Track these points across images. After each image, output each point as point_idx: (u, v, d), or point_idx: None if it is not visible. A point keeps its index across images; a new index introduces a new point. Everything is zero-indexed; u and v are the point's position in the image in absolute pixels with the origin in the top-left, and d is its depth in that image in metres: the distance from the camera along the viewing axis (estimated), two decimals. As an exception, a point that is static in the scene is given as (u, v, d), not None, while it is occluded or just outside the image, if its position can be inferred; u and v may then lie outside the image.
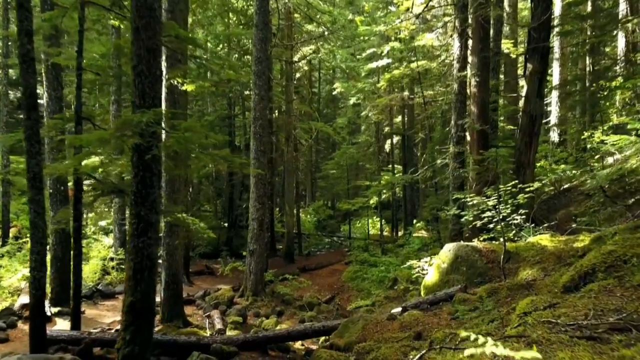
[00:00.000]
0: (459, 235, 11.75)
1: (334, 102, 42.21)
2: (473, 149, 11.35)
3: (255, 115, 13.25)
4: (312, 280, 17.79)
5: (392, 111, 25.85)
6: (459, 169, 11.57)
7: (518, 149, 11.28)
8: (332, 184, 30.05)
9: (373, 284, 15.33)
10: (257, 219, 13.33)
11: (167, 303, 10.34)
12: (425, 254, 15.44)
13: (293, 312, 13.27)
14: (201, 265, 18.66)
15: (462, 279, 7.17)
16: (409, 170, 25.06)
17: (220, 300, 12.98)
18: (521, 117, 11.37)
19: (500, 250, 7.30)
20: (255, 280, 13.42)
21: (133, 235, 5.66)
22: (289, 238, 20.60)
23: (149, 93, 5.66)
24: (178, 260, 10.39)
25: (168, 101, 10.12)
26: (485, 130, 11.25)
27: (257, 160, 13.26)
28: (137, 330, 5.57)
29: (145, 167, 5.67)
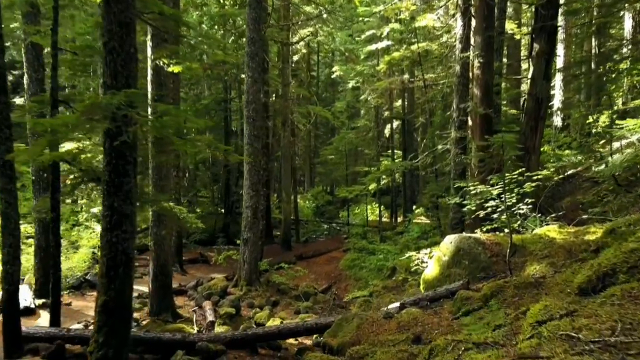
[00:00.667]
0: (460, 224, 11.29)
1: (333, 86, 41.50)
2: (475, 134, 10.82)
3: (249, 99, 12.70)
4: (309, 268, 17.40)
5: (392, 95, 25.22)
6: (460, 155, 11.06)
7: (523, 134, 10.76)
8: (331, 170, 29.54)
9: (371, 273, 14.92)
10: (251, 207, 12.86)
11: (156, 295, 9.92)
12: (425, 242, 15.04)
13: (288, 302, 12.88)
14: (195, 253, 18.26)
15: (464, 274, 6.72)
16: (408, 155, 24.50)
17: (213, 290, 12.57)
18: (526, 100, 10.83)
19: (505, 242, 6.84)
20: (250, 270, 13.00)
21: (106, 228, 5.18)
22: (285, 225, 20.17)
23: (121, 72, 5.13)
24: (167, 250, 9.94)
25: (154, 83, 9.57)
26: (489, 114, 10.71)
27: (251, 145, 12.74)
28: (111, 331, 5.12)
29: (119, 155, 5.16)
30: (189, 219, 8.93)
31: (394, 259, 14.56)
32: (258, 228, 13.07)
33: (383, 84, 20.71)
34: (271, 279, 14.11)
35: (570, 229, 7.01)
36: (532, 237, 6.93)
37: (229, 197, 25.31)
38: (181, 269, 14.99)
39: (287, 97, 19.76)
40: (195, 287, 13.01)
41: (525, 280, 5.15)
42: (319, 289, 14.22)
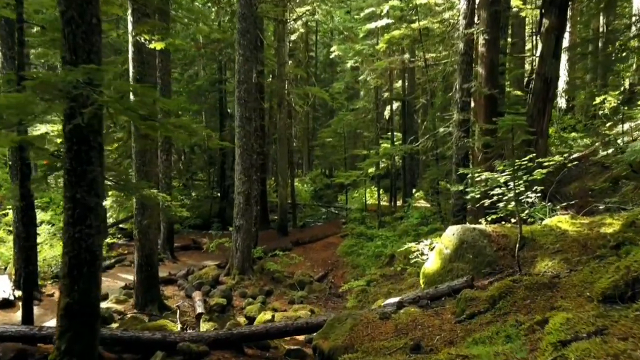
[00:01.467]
0: (462, 211, 10.74)
1: (331, 67, 40.64)
2: (480, 116, 10.20)
3: (240, 79, 12.03)
4: (306, 254, 16.92)
5: (392, 75, 24.46)
6: (463, 139, 10.44)
7: (530, 116, 10.12)
8: (329, 153, 28.88)
9: (369, 260, 14.43)
10: (243, 193, 12.30)
11: (141, 286, 9.42)
12: (425, 228, 14.51)
13: (283, 292, 12.40)
14: (188, 239, 17.75)
15: (467, 269, 6.18)
16: (409, 138, 23.84)
17: (204, 279, 12.09)
18: (534, 80, 10.18)
19: (513, 235, 6.29)
20: (242, 258, 12.49)
21: (68, 223, 4.62)
22: (282, 210, 19.64)
23: (82, 46, 4.51)
24: (152, 239, 9.40)
25: (135, 61, 8.91)
26: (494, 94, 10.08)
27: (242, 128, 12.12)
28: (75, 337, 4.59)
29: (81, 140, 4.57)
30: (173, 208, 8.35)
31: (393, 246, 14.06)
32: (251, 215, 12.53)
33: (382, 63, 19.95)
34: (265, 267, 13.61)
35: (583, 219, 6.44)
36: (542, 228, 6.37)
37: (224, 181, 24.72)
38: (172, 256, 14.50)
39: (282, 78, 19.04)
40: (186, 276, 12.52)
41: (537, 281, 4.60)
42: (314, 277, 13.75)
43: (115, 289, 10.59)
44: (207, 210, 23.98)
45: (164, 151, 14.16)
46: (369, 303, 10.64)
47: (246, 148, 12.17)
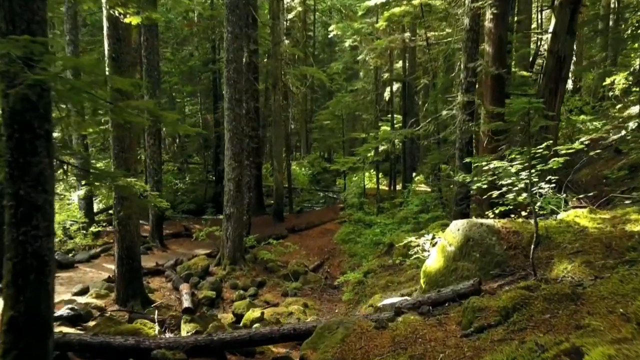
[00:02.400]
0: (466, 199, 10.09)
1: (330, 47, 39.61)
2: (486, 98, 9.48)
3: (229, 57, 11.25)
4: (301, 242, 16.33)
5: (392, 55, 23.56)
6: (467, 122, 9.72)
7: (540, 98, 9.39)
8: (326, 136, 28.08)
9: (366, 248, 13.83)
10: (233, 180, 11.63)
11: (122, 281, 8.81)
12: (425, 216, 13.86)
13: (276, 283, 11.83)
14: (180, 225, 17.12)
15: (474, 269, 5.54)
16: (409, 120, 23.02)
17: (192, 270, 11.49)
18: (546, 59, 9.44)
19: (525, 231, 5.63)
20: (233, 248, 11.88)
21: (10, 224, 3.95)
22: (277, 195, 18.99)
23: (20, 14, 3.79)
24: (133, 231, 8.76)
25: (111, 37, 8.16)
26: (502, 74, 9.33)
27: (232, 110, 11.39)
28: (22, 355, 3.96)
29: (24, 126, 3.88)
30: (152, 199, 7.68)
31: (392, 234, 13.44)
32: (242, 202, 11.87)
33: (382, 42, 19.07)
34: (258, 256, 13.02)
35: (603, 213, 5.79)
36: (558, 224, 5.72)
37: (218, 165, 24.00)
38: (161, 244, 13.89)
39: (278, 57, 18.20)
40: (174, 266, 11.92)
41: (558, 290, 3.95)
42: (310, 266, 13.15)
43: (98, 282, 10.00)
44: (202, 194, 23.33)
45: (152, 135, 13.44)
46: (365, 297, 10.06)
47: (236, 132, 11.46)
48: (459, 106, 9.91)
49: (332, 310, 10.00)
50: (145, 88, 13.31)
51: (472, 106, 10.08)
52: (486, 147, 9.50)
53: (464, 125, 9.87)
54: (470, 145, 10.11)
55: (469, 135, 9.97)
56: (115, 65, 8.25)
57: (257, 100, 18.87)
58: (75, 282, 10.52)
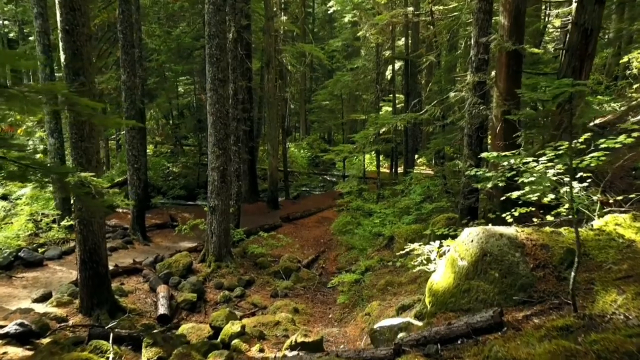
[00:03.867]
0: (475, 192, 8.99)
1: (330, 23, 38.09)
2: (500, 78, 8.28)
3: (211, 32, 10.04)
4: (296, 232, 15.32)
5: (394, 31, 22.19)
6: (479, 105, 8.55)
7: (562, 77, 8.21)
8: (325, 117, 26.81)
9: (365, 241, 12.78)
10: (217, 169, 10.52)
11: (86, 287, 7.79)
12: (429, 206, 12.74)
13: (265, 281, 10.84)
14: (167, 214, 16.06)
15: (492, 292, 4.48)
16: (412, 100, 21.77)
17: (173, 268, 10.47)
18: (569, 32, 8.20)
19: (555, 245, 4.55)
20: (219, 243, 10.86)
21: None
22: (272, 181, 17.91)
23: None
24: (97, 230, 7.69)
25: (63, 6, 6.96)
26: (519, 50, 8.12)
27: (215, 92, 10.22)
28: None
29: None
30: (111, 198, 6.60)
31: (392, 226, 12.38)
32: (228, 194, 10.79)
33: (383, 17, 17.72)
34: (248, 250, 12.01)
35: (651, 222, 4.68)
36: (596, 236, 4.62)
37: (211, 148, 22.89)
38: (143, 237, 12.85)
39: (271, 33, 16.90)
40: (154, 263, 10.90)
41: (617, 345, 2.88)
42: (303, 261, 12.15)
43: (65, 284, 8.98)
44: (194, 179, 22.23)
45: (130, 118, 12.27)
46: (362, 300, 9.06)
47: (220, 115, 10.31)
48: (469, 87, 8.73)
49: (325, 316, 9.01)
50: (123, 67, 12.13)
51: (484, 87, 8.90)
52: (499, 134, 8.36)
53: (475, 108, 8.69)
54: (480, 131, 8.95)
55: (479, 119, 8.80)
56: (69, 40, 7.08)
57: (249, 80, 17.63)
58: (42, 283, 9.53)
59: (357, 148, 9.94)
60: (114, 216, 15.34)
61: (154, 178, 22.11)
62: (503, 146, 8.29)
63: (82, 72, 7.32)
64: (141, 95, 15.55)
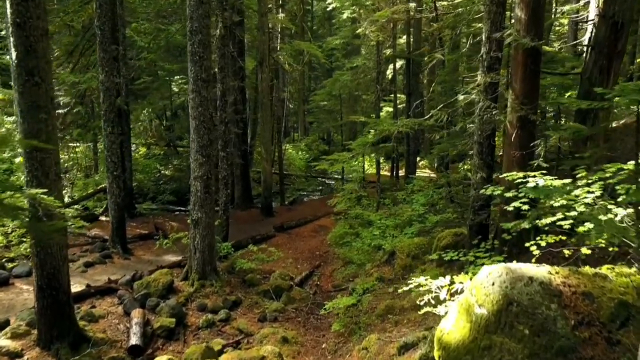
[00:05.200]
0: (486, 208, 8.02)
1: (330, 21, 37.10)
2: (516, 78, 7.30)
3: (193, 28, 9.07)
4: (290, 243, 14.36)
5: (395, 29, 21.22)
6: (491, 110, 7.57)
7: (587, 78, 7.24)
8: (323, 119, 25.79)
9: (364, 254, 11.78)
10: (200, 178, 9.56)
11: (44, 317, 6.83)
12: (434, 218, 11.76)
13: (254, 302, 9.86)
14: (154, 223, 15.06)
15: (521, 354, 3.51)
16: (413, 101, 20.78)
17: (152, 288, 9.48)
18: (596, 26, 7.23)
19: (602, 294, 3.58)
20: (203, 260, 9.89)
21: None
22: (265, 187, 16.94)
23: None
24: (56, 253, 6.73)
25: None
26: (538, 47, 7.14)
27: (197, 93, 9.25)
28: None
29: None
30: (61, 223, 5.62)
31: (393, 239, 11.40)
32: (212, 205, 9.83)
33: (384, 13, 16.74)
34: (236, 266, 11.04)
35: None
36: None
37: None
38: (124, 250, 11.87)
39: (265, 30, 15.91)
40: (131, 282, 9.91)
41: None
42: (296, 277, 11.18)
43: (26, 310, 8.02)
44: (187, 183, 21.15)
45: (109, 121, 11.30)
46: (359, 329, 8.07)
47: (203, 119, 9.34)
48: (480, 89, 7.75)
49: (317, 346, 8.04)
50: (101, 65, 11.16)
51: (496, 89, 7.93)
52: (514, 142, 7.38)
53: (486, 113, 7.72)
54: (492, 139, 7.98)
55: (491, 126, 7.82)
56: (21, 35, 6.12)
57: (242, 80, 16.67)
58: (3, 307, 8.57)
59: (353, 156, 8.98)
60: (95, 225, 14.38)
61: (144, 182, 21.14)
62: (519, 157, 7.33)
63: (37, 72, 6.35)
64: (125, 96, 14.59)
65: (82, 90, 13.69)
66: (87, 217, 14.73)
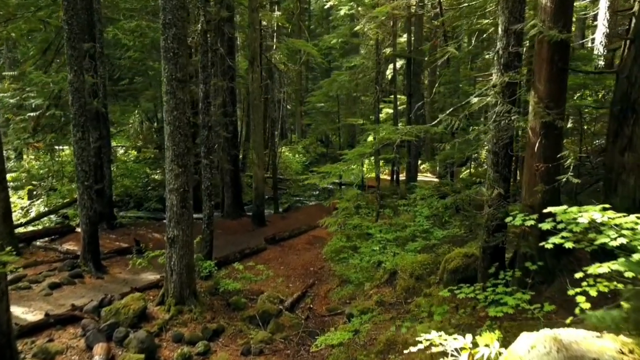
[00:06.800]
0: (503, 228, 6.91)
1: (328, 19, 36.03)
2: (540, 77, 6.20)
3: (166, 20, 7.95)
4: (283, 257, 13.24)
5: (395, 26, 20.13)
6: (509, 115, 6.45)
7: (625, 78, 6.12)
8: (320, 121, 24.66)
9: (362, 272, 10.65)
10: (176, 191, 8.44)
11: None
12: (439, 233, 10.67)
13: (238, 330, 8.73)
14: (133, 236, 13.88)
15: None
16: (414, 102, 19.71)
17: (122, 315, 8.35)
18: (636, 16, 6.11)
19: None
20: (180, 282, 8.77)
21: None
22: (257, 195, 15.81)
23: None
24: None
25: None
26: (567, 41, 6.04)
27: (172, 95, 8.13)
28: None
29: None
30: None
31: (394, 257, 10.27)
32: (189, 222, 8.70)
33: (383, 9, 15.65)
34: (220, 286, 9.92)
35: None
36: None
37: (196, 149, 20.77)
38: (97, 268, 10.71)
39: (255, 27, 14.79)
40: (99, 308, 8.77)
41: None
42: (287, 299, 10.05)
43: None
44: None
45: (79, 125, 10.15)
46: (356, 370, 6.96)
47: (179, 125, 8.23)
48: (496, 90, 6.63)
49: (307, 391, 6.92)
50: (69, 64, 10.04)
51: (515, 90, 6.82)
52: (537, 152, 6.27)
53: (503, 118, 6.60)
54: (510, 148, 6.87)
55: (509, 134, 6.71)
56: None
57: (232, 80, 15.55)
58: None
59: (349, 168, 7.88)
60: (71, 238, 13.24)
61: (131, 187, 20.04)
62: (544, 170, 6.22)
63: None
64: (103, 97, 13.46)
65: (57, 92, 12.53)
66: (62, 229, 13.62)
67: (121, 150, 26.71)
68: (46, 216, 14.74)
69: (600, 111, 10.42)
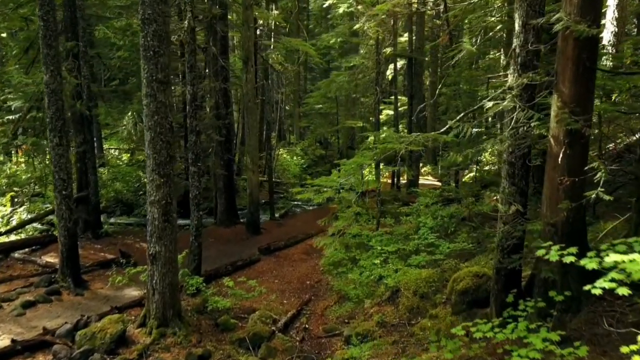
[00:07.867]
0: (519, 249, 6.17)
1: (327, 19, 35.32)
2: (564, 79, 5.44)
3: (145, 15, 7.19)
4: (277, 269, 12.48)
5: (396, 25, 19.40)
6: (528, 121, 5.70)
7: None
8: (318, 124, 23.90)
9: (362, 288, 9.90)
10: (158, 203, 7.68)
11: None
12: (446, 247, 9.92)
13: (226, 355, 7.97)
14: (122, 246, 13.08)
15: None
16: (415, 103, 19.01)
17: (98, 339, 7.60)
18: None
19: None
20: (163, 303, 8.01)
21: None
22: (251, 202, 15.04)
23: None
24: None
25: None
26: (596, 37, 5.29)
27: (153, 98, 7.38)
28: None
29: None
30: None
31: (396, 273, 9.50)
32: (173, 237, 7.95)
33: (384, 7, 14.90)
34: (208, 304, 9.16)
35: None
36: None
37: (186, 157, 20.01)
38: (76, 283, 9.92)
39: (249, 25, 14.02)
40: (73, 331, 8.01)
41: None
42: (281, 318, 9.28)
43: None
44: (169, 193, 19.32)
45: (55, 130, 9.39)
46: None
47: (161, 131, 7.47)
48: (514, 93, 5.87)
49: None
50: (44, 64, 9.28)
51: (534, 93, 6.07)
52: (561, 164, 5.52)
53: (521, 125, 5.84)
54: (528, 158, 6.12)
55: (527, 141, 5.95)
56: None
57: (225, 80, 14.78)
58: None
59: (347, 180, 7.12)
60: (54, 248, 12.45)
61: (122, 192, 19.30)
62: (569, 184, 5.47)
63: None
64: (88, 99, 12.69)
65: (37, 93, 11.77)
66: (44, 239, 12.85)
67: (115, 153, 26.00)
68: (29, 224, 13.97)
69: (615, 114, 9.69)
